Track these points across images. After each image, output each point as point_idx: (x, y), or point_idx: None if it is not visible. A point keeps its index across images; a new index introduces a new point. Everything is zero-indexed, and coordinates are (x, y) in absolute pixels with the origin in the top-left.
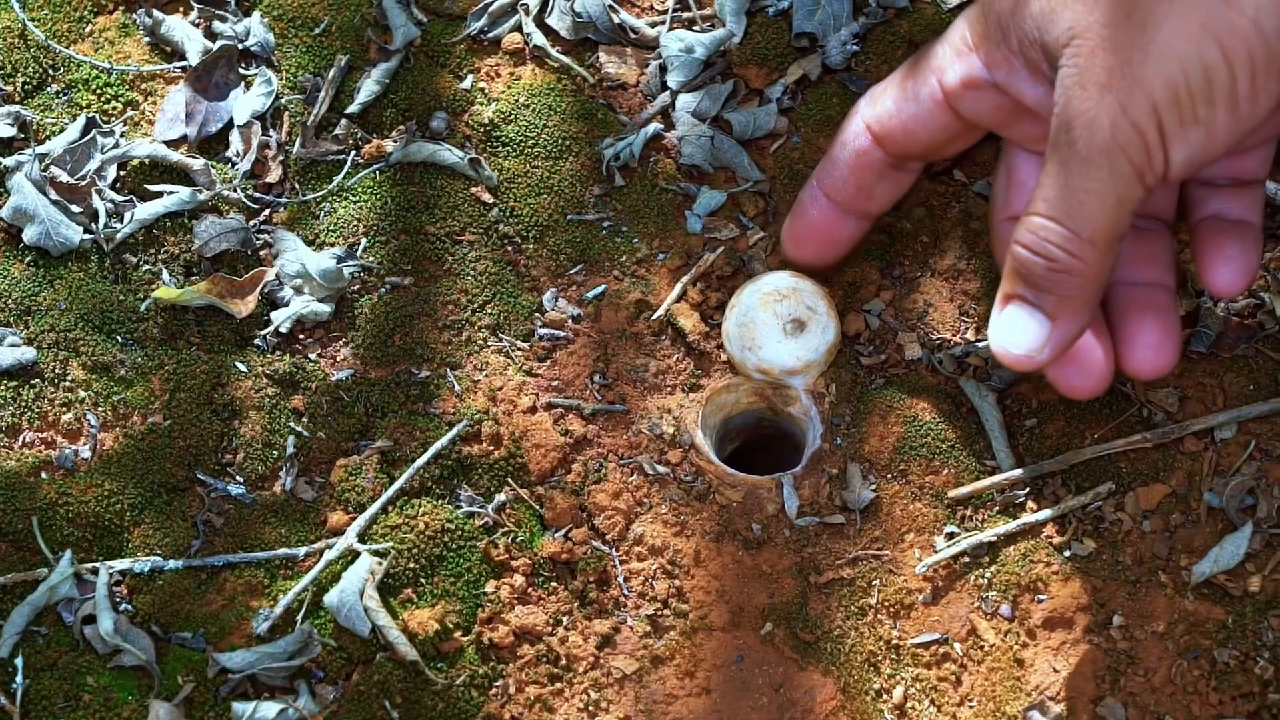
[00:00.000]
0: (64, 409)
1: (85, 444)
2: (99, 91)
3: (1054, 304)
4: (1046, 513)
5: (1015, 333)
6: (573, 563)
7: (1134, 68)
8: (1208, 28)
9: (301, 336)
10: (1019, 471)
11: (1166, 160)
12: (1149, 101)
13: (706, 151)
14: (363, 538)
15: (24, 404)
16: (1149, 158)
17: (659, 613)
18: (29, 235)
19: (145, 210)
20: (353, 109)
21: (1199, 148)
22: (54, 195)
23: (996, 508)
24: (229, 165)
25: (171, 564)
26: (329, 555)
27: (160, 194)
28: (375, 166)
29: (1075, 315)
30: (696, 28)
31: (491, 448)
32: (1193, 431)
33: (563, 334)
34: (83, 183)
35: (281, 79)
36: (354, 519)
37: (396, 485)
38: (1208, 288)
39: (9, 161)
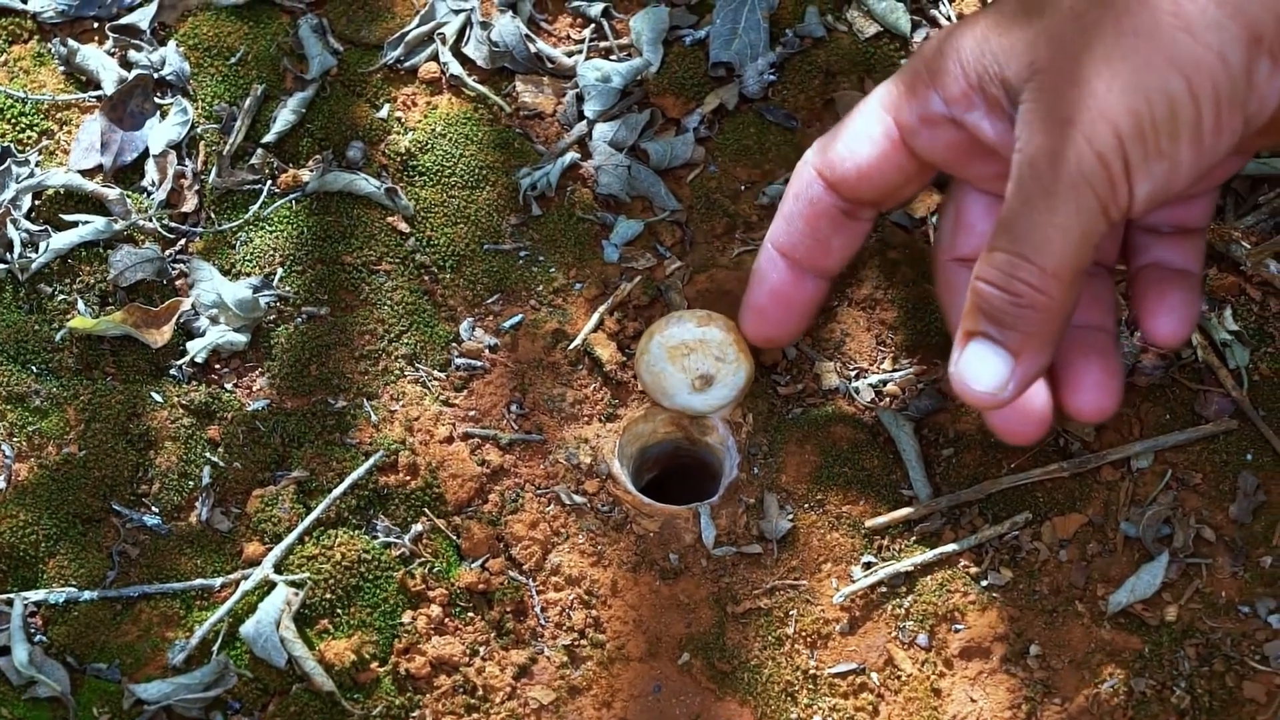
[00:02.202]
0: None
1: None
2: (14, 121)
3: (1018, 340)
4: (964, 542)
5: (978, 370)
6: (490, 593)
7: (1098, 100)
8: (1173, 61)
9: (217, 366)
10: (936, 501)
11: (1131, 194)
12: (1114, 135)
13: (623, 181)
14: (279, 568)
15: None
16: (1114, 191)
17: (576, 643)
18: None
19: (60, 240)
20: (269, 138)
21: (1162, 182)
22: None
23: (914, 537)
24: (144, 195)
25: (87, 595)
26: (245, 586)
27: (75, 224)
28: (291, 196)
29: (1039, 351)
30: (613, 57)
31: (408, 478)
32: (1109, 461)
33: (480, 364)
34: None
35: (197, 108)
36: (270, 549)
37: (313, 515)
38: (1147, 336)
39: None
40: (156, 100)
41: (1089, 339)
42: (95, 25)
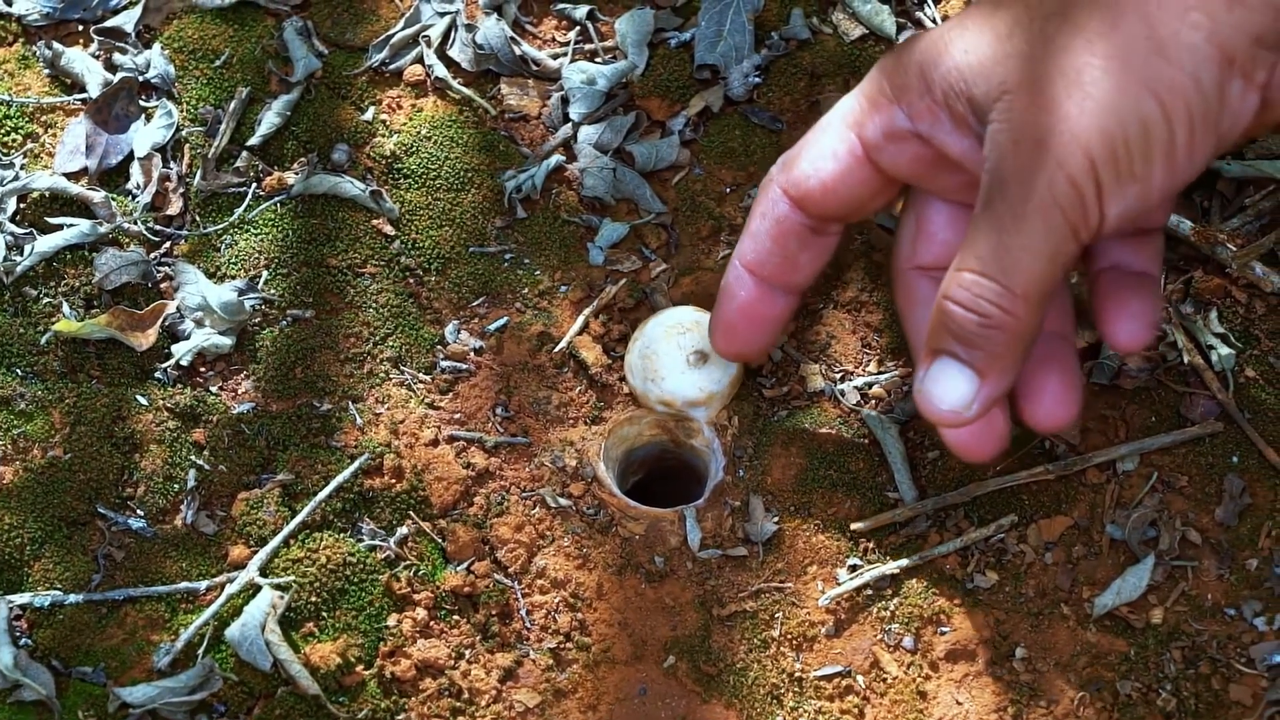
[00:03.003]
0: None
1: None
2: None
3: (984, 360)
4: (949, 545)
5: (944, 389)
6: (475, 596)
7: (1070, 123)
8: (1146, 83)
9: (202, 369)
10: (921, 503)
11: (1102, 216)
12: (1086, 159)
13: (608, 183)
14: (264, 571)
15: None
16: (1085, 214)
17: (561, 646)
18: None
19: (45, 243)
20: (254, 141)
21: (1134, 202)
22: None
23: (899, 540)
24: (129, 198)
25: (72, 598)
26: (230, 589)
27: (60, 227)
28: (276, 199)
29: (1005, 372)
30: (598, 59)
31: (393, 481)
32: (1095, 463)
33: (465, 366)
34: None
35: (182, 111)
36: (255, 552)
37: (298, 519)
38: (1108, 342)
39: None
40: (141, 103)
41: (1048, 348)
42: (80, 28)
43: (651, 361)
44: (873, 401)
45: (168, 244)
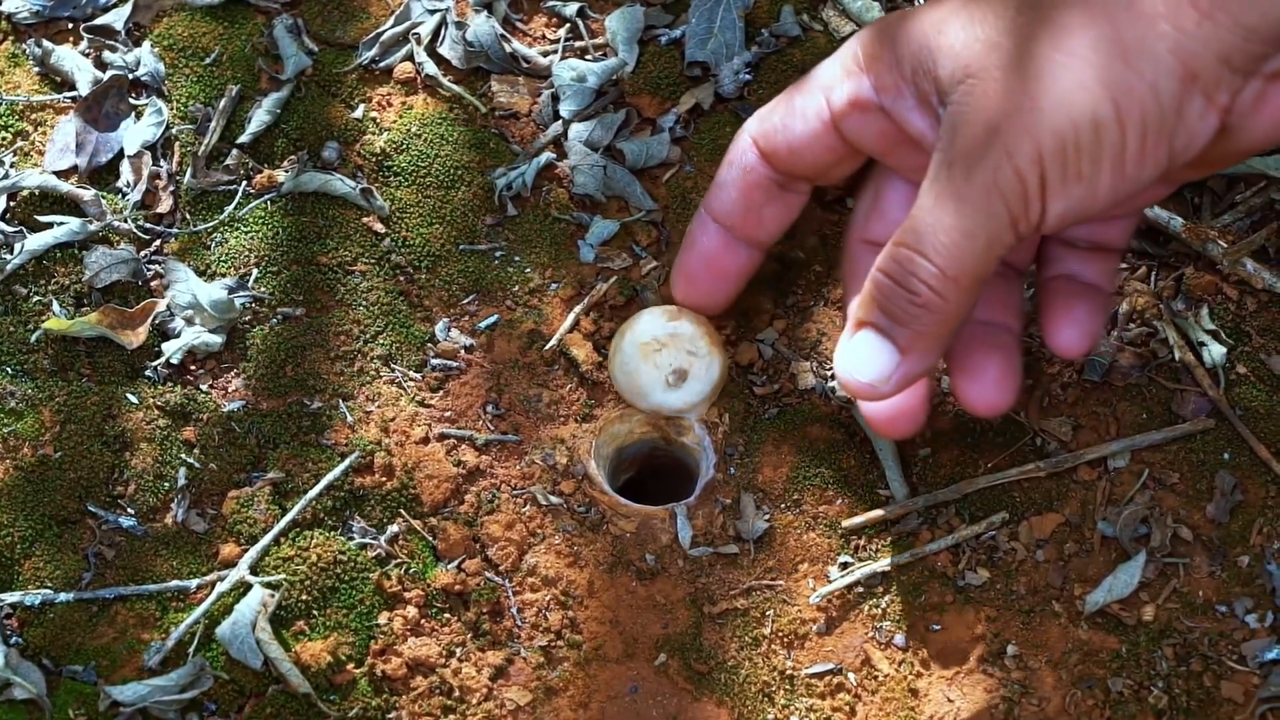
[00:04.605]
0: None
1: None
2: None
3: (908, 338)
4: (940, 542)
5: (863, 360)
6: (466, 594)
7: (1024, 115)
8: (1105, 85)
9: (193, 368)
10: (913, 501)
11: (1043, 211)
12: (1035, 150)
13: (599, 181)
14: (255, 569)
15: None
16: (1026, 206)
17: (553, 644)
18: None
19: (35, 241)
20: (244, 139)
21: (1078, 204)
22: None
23: (890, 537)
24: (120, 196)
25: (63, 596)
26: (221, 587)
27: (50, 225)
28: (267, 196)
29: (927, 351)
30: (589, 57)
31: (384, 479)
32: (1086, 461)
33: (455, 364)
34: None
35: (172, 109)
36: (246, 551)
37: (289, 517)
38: (1050, 345)
39: None
40: (131, 101)
41: (993, 336)
42: (70, 26)
43: (634, 379)
44: None
45: (158, 242)
